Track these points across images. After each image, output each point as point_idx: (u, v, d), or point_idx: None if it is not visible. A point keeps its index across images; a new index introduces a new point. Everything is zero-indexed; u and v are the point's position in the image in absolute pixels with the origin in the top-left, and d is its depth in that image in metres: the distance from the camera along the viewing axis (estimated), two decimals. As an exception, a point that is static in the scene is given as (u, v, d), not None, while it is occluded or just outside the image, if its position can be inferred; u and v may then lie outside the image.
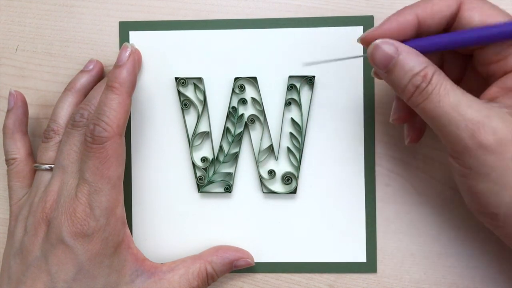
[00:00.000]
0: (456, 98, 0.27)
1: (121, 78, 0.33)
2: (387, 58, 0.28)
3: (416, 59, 0.28)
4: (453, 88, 0.28)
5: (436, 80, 0.28)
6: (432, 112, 0.28)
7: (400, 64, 0.28)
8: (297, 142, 0.37)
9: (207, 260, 0.35)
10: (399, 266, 0.37)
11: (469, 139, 0.27)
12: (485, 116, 0.27)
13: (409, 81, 0.28)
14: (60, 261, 0.32)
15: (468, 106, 0.27)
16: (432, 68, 0.28)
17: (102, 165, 0.32)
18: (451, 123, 0.27)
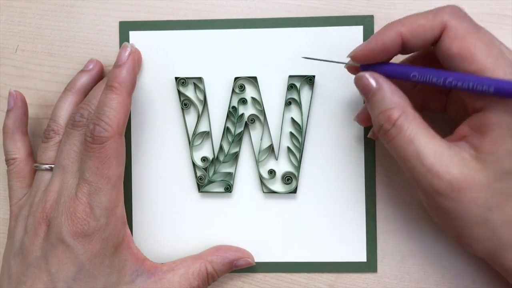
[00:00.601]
0: (419, 145, 0.28)
1: (121, 78, 0.33)
2: (368, 88, 0.30)
3: (389, 98, 0.29)
4: (418, 134, 0.28)
5: (400, 124, 0.29)
6: (396, 154, 0.29)
7: (375, 97, 0.30)
8: (297, 141, 0.37)
9: (207, 260, 0.35)
10: (399, 266, 0.37)
11: (428, 186, 0.28)
12: (445, 165, 0.28)
13: (376, 117, 0.30)
14: (60, 261, 0.32)
15: (430, 155, 0.28)
16: (399, 110, 0.29)
17: (102, 165, 0.32)
18: (413, 169, 0.28)
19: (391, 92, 0.29)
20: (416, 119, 0.29)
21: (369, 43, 0.30)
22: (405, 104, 0.29)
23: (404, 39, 0.29)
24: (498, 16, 0.37)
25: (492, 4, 0.37)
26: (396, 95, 0.29)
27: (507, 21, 0.37)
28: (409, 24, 0.29)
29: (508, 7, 0.37)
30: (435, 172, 0.28)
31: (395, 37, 0.29)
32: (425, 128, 0.29)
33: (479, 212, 0.28)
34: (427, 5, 0.37)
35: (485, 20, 0.37)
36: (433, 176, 0.28)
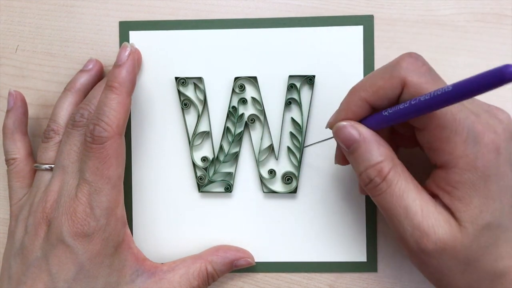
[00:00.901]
0: (409, 201, 0.28)
1: (121, 78, 0.33)
2: (350, 139, 0.29)
3: (376, 150, 0.28)
4: (408, 189, 0.28)
5: (392, 177, 0.28)
6: (384, 208, 0.29)
7: (360, 150, 0.29)
8: (297, 141, 0.37)
9: (208, 260, 0.35)
10: (399, 266, 0.37)
11: (414, 243, 0.28)
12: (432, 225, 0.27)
13: (365, 170, 0.29)
14: (61, 261, 0.32)
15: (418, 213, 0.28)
16: (389, 163, 0.28)
17: (102, 165, 0.32)
18: (400, 225, 0.28)
19: (378, 143, 0.29)
20: (404, 171, 0.29)
21: (339, 113, 0.30)
22: (393, 156, 0.29)
23: (370, 103, 0.29)
24: (498, 16, 0.37)
25: (492, 4, 0.37)
26: (382, 146, 0.29)
27: (507, 21, 0.37)
28: (369, 88, 0.29)
29: (508, 7, 0.37)
30: (422, 230, 0.27)
31: (361, 103, 0.29)
32: (412, 181, 0.29)
33: (458, 267, 0.28)
34: (427, 5, 0.37)
35: (485, 20, 0.37)
36: (420, 234, 0.28)
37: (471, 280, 0.29)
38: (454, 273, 0.28)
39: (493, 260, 0.28)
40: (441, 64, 0.37)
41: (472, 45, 0.37)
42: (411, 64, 0.28)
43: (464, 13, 0.37)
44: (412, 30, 0.37)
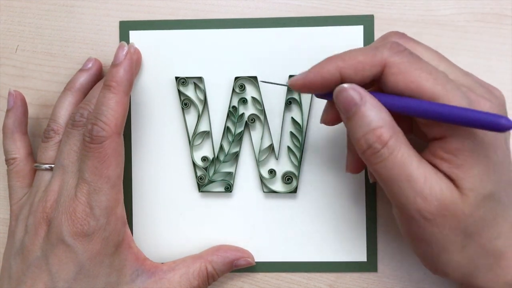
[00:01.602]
0: (412, 168, 0.27)
1: (118, 77, 0.33)
2: (350, 103, 0.28)
3: (378, 114, 0.27)
4: (410, 156, 0.27)
5: (393, 144, 0.27)
6: (384, 176, 0.28)
7: (360, 113, 0.27)
8: (298, 141, 0.37)
9: (208, 260, 0.35)
10: (399, 266, 0.37)
11: (416, 210, 0.27)
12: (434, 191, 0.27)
13: (363, 136, 0.27)
14: (61, 260, 0.32)
15: (420, 179, 0.27)
16: (390, 130, 0.27)
17: (101, 164, 0.32)
18: (402, 193, 0.27)
19: (379, 108, 0.27)
20: (405, 140, 0.28)
21: (308, 74, 0.29)
22: (393, 123, 0.28)
23: (343, 74, 0.28)
24: (498, 16, 0.37)
25: (492, 4, 0.37)
26: (383, 111, 0.27)
27: (507, 21, 0.37)
28: (348, 60, 0.28)
29: (508, 7, 0.37)
30: (425, 196, 0.27)
31: (334, 71, 0.28)
32: (413, 150, 0.28)
33: (458, 240, 0.28)
34: (427, 5, 0.37)
35: (485, 20, 0.37)
36: (422, 200, 0.27)
37: (471, 257, 0.28)
38: (454, 247, 0.28)
39: (492, 237, 0.28)
40: (441, 64, 0.37)
41: (472, 45, 0.37)
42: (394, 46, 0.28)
43: (464, 13, 0.37)
44: (412, 30, 0.37)
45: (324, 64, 0.28)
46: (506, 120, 0.25)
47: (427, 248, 0.29)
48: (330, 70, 0.28)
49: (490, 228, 0.28)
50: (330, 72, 0.28)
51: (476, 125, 0.25)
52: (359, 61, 0.28)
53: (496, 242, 0.28)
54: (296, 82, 0.29)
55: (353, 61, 0.28)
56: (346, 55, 0.28)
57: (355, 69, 0.28)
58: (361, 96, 0.28)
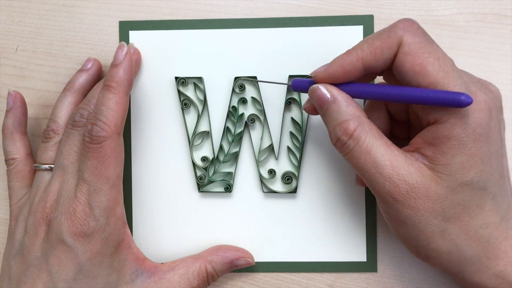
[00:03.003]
0: (376, 156, 0.29)
1: (118, 77, 0.33)
2: (322, 100, 0.30)
3: (345, 108, 0.29)
4: (375, 145, 0.29)
5: (358, 135, 0.29)
6: (355, 166, 0.29)
7: (330, 109, 0.30)
8: (297, 141, 0.37)
9: (207, 260, 0.35)
10: (399, 266, 0.37)
11: (386, 194, 0.29)
12: (402, 174, 0.28)
13: (333, 129, 0.30)
14: (61, 261, 0.32)
15: (387, 165, 0.28)
16: (355, 121, 0.29)
17: (101, 164, 0.32)
18: (372, 179, 0.29)
19: (346, 103, 0.30)
20: (372, 129, 0.29)
21: (330, 67, 0.30)
22: (360, 115, 0.29)
23: (365, 63, 0.29)
24: (498, 16, 0.37)
25: (492, 4, 0.37)
26: (351, 106, 0.29)
27: (507, 21, 0.37)
28: (366, 48, 0.29)
29: (508, 7, 0.37)
30: (393, 181, 0.28)
31: (355, 62, 0.29)
32: (380, 138, 0.29)
33: (435, 222, 0.28)
34: (427, 5, 0.37)
35: (485, 20, 0.37)
36: (391, 185, 0.28)
37: (454, 244, 0.29)
38: (432, 229, 0.29)
39: (478, 226, 0.29)
40: (441, 64, 0.37)
41: (472, 45, 0.37)
42: (408, 24, 0.29)
43: (464, 13, 0.37)
44: (412, 30, 0.37)
45: (346, 56, 0.30)
46: (466, 97, 0.26)
47: (406, 230, 0.30)
48: (352, 61, 0.30)
49: (474, 216, 0.29)
50: (352, 63, 0.30)
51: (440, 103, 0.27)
52: (377, 46, 0.29)
53: (483, 232, 0.29)
54: (318, 74, 0.31)
55: (371, 47, 0.29)
56: (364, 44, 0.30)
57: (375, 55, 0.29)
58: (331, 94, 0.30)
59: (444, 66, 0.28)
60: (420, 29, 0.29)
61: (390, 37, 0.29)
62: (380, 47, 0.29)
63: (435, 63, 0.28)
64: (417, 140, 0.30)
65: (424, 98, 0.27)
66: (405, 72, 0.28)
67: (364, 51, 0.29)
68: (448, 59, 0.28)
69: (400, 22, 0.29)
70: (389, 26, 0.30)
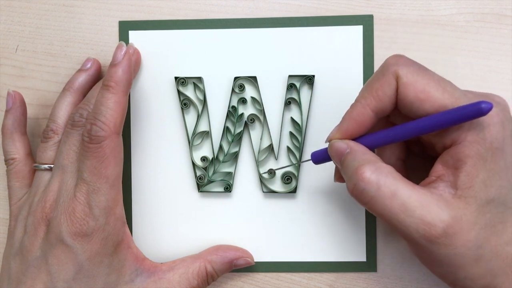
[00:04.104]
0: (403, 198, 0.27)
1: (117, 77, 0.33)
2: (339, 153, 0.30)
3: (361, 156, 0.29)
4: (399, 186, 0.27)
5: (377, 180, 0.27)
6: (379, 212, 0.28)
7: (347, 160, 0.29)
8: (297, 141, 0.37)
9: (207, 259, 0.35)
10: (399, 265, 0.37)
11: (421, 238, 0.27)
12: (435, 213, 0.27)
13: (349, 178, 0.29)
14: (60, 260, 0.32)
15: (417, 206, 0.27)
16: (372, 166, 0.28)
17: (100, 164, 0.32)
18: (402, 224, 0.27)
19: (362, 152, 0.29)
20: (391, 172, 0.28)
21: (342, 125, 0.30)
22: (377, 160, 0.29)
23: (373, 108, 0.29)
24: (498, 16, 0.37)
25: (492, 4, 0.37)
26: (367, 154, 0.29)
27: (507, 21, 0.37)
28: (368, 94, 0.29)
29: (508, 7, 0.37)
30: (427, 222, 0.27)
31: (363, 110, 0.29)
32: (402, 179, 0.28)
33: (470, 253, 0.27)
34: (427, 5, 0.37)
35: (485, 20, 0.37)
36: (426, 226, 0.27)
37: (487, 267, 0.28)
38: (468, 261, 0.27)
39: (503, 243, 0.28)
40: (441, 64, 0.37)
41: (472, 45, 0.37)
42: (397, 59, 0.29)
43: (464, 13, 0.37)
44: (412, 30, 0.37)
45: (352, 109, 0.30)
46: (486, 104, 0.26)
47: (442, 269, 0.29)
48: (360, 111, 0.30)
49: (500, 235, 0.28)
50: (361, 112, 0.30)
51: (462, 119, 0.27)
52: (377, 88, 0.29)
53: (508, 249, 0.28)
54: (334, 136, 0.31)
55: (372, 91, 0.29)
56: (364, 91, 0.30)
57: (378, 96, 0.29)
58: (348, 145, 0.30)
59: (446, 87, 0.28)
60: (409, 60, 0.29)
61: (385, 75, 0.29)
62: (381, 88, 0.29)
63: (438, 87, 0.28)
64: (437, 168, 0.29)
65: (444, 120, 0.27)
66: (411, 103, 0.28)
67: (367, 97, 0.29)
68: (447, 81, 0.28)
69: (389, 59, 0.29)
70: (381, 66, 0.30)
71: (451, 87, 0.28)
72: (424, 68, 0.29)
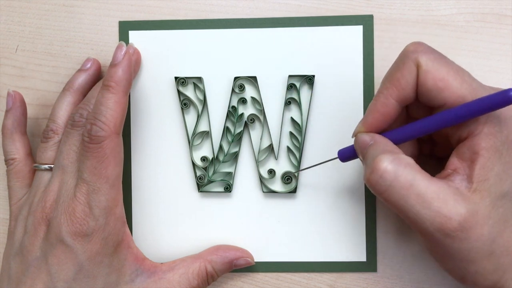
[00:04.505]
0: (420, 189, 0.27)
1: (117, 77, 0.33)
2: (364, 145, 0.30)
3: (383, 146, 0.29)
4: (417, 177, 0.27)
5: (394, 170, 0.27)
6: (395, 202, 0.27)
7: (369, 151, 0.29)
8: (297, 141, 0.37)
9: (207, 259, 0.35)
10: (399, 265, 0.37)
11: (436, 231, 0.27)
12: (452, 206, 0.27)
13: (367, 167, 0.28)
14: (60, 261, 0.32)
15: (434, 198, 0.27)
16: (390, 157, 0.27)
17: (100, 164, 0.32)
18: (418, 216, 0.27)
19: (385, 144, 0.29)
20: (410, 164, 0.28)
21: (366, 118, 0.30)
22: (398, 151, 0.28)
23: (396, 98, 0.29)
24: (498, 16, 0.37)
25: (492, 4, 0.37)
26: (389, 145, 0.29)
27: (507, 21, 0.37)
28: (389, 83, 0.29)
29: (508, 7, 0.37)
30: (444, 215, 0.26)
31: (387, 101, 0.29)
32: (420, 171, 0.28)
33: (484, 248, 0.27)
34: (427, 5, 0.37)
35: (485, 20, 0.37)
36: (442, 219, 0.26)
37: (498, 262, 0.28)
38: (481, 256, 0.27)
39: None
40: (441, 64, 0.37)
41: (472, 45, 0.37)
42: (417, 46, 0.29)
43: (464, 13, 0.37)
44: (412, 30, 0.37)
45: (375, 101, 0.30)
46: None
47: (454, 263, 0.28)
48: (383, 102, 0.29)
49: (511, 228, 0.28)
50: (385, 103, 0.29)
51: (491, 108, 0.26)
52: (398, 77, 0.29)
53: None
54: (359, 129, 0.31)
55: (394, 81, 0.29)
56: (385, 81, 0.30)
57: (400, 86, 0.29)
58: (372, 138, 0.30)
59: (465, 77, 0.28)
60: (429, 47, 0.29)
61: (405, 63, 0.29)
62: (402, 76, 0.29)
63: (457, 76, 0.28)
64: (453, 160, 0.29)
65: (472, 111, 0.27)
66: (429, 90, 0.28)
67: (389, 88, 0.29)
68: (465, 71, 0.28)
69: (409, 46, 0.29)
70: (400, 54, 0.29)
71: (469, 77, 0.28)
72: (443, 56, 0.29)
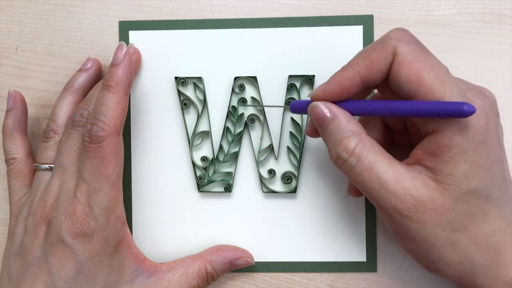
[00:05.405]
0: (379, 172, 0.28)
1: (117, 77, 0.33)
2: (322, 118, 0.30)
3: (345, 125, 0.29)
4: (378, 160, 0.28)
5: (359, 152, 0.28)
6: (358, 183, 0.29)
7: (330, 127, 0.29)
8: (297, 141, 0.37)
9: (207, 259, 0.35)
10: (399, 265, 0.37)
11: (393, 210, 0.28)
12: (408, 189, 0.28)
13: (333, 147, 0.29)
14: (60, 260, 0.32)
15: (392, 180, 0.28)
16: (356, 138, 0.29)
17: (100, 164, 0.32)
18: (377, 195, 0.28)
19: (346, 120, 0.29)
20: (373, 145, 0.29)
21: (328, 85, 0.30)
22: (361, 131, 0.29)
23: (363, 77, 0.29)
24: (498, 16, 0.37)
25: (492, 4, 0.37)
26: (351, 123, 0.29)
27: (507, 21, 0.37)
28: (362, 62, 0.29)
29: (508, 7, 0.37)
30: (398, 196, 0.28)
31: (352, 77, 0.29)
32: (382, 153, 0.29)
33: (444, 234, 0.28)
34: (427, 5, 0.37)
35: (485, 20, 0.37)
36: (397, 200, 0.28)
37: (465, 255, 0.29)
38: (442, 241, 0.28)
39: (486, 234, 0.28)
40: (441, 64, 0.37)
41: (472, 45, 0.37)
42: (400, 34, 0.29)
43: (464, 13, 0.37)
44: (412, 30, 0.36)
45: (342, 72, 0.30)
46: (468, 106, 0.26)
47: (415, 245, 0.29)
48: (349, 76, 0.29)
49: (481, 224, 0.28)
50: (350, 78, 0.29)
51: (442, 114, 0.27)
52: (372, 59, 0.29)
53: (491, 240, 0.28)
54: (317, 94, 0.30)
55: (367, 61, 0.29)
56: (359, 57, 0.29)
57: (371, 67, 0.29)
58: (331, 111, 0.29)
59: (439, 74, 0.28)
60: (413, 38, 0.29)
61: (384, 48, 0.29)
62: (376, 59, 0.29)
63: (431, 71, 0.28)
64: (417, 152, 0.29)
65: (426, 110, 0.27)
66: (401, 82, 0.28)
67: (360, 65, 0.29)
68: (443, 67, 0.28)
69: (393, 32, 0.29)
70: (382, 37, 0.29)
71: (444, 75, 0.28)
72: (424, 50, 0.29)
